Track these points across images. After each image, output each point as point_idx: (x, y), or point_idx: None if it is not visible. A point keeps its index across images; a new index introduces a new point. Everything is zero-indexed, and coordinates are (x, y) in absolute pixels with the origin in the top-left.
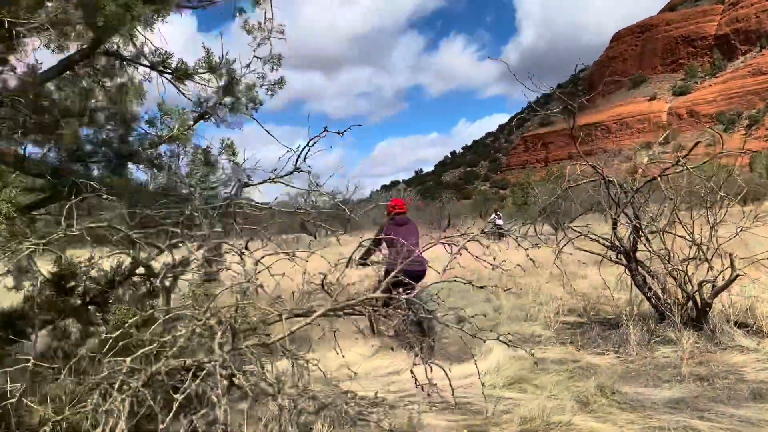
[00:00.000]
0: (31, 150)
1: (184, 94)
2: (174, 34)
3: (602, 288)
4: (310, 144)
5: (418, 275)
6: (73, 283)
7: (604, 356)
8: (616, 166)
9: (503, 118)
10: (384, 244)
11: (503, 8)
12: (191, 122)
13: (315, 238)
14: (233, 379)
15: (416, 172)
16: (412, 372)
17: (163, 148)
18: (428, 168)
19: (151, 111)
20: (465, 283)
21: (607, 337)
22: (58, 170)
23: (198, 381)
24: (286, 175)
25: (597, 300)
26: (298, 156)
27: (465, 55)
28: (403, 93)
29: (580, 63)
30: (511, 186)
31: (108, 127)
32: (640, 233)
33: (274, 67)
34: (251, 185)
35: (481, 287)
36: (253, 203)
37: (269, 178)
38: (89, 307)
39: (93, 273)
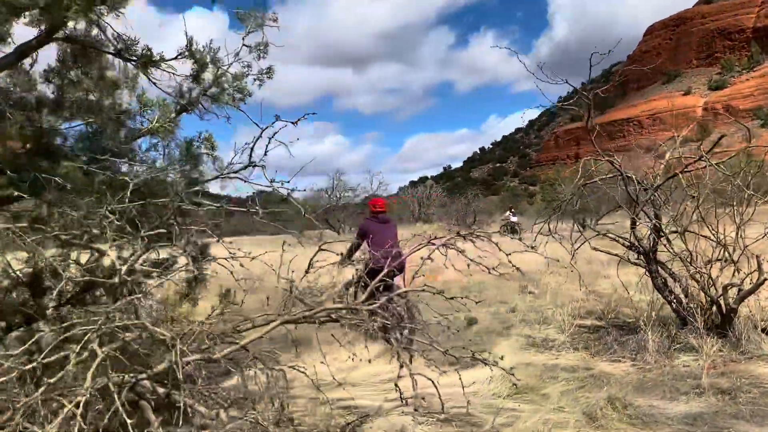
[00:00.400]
0: None
1: (155, 83)
2: (206, 33)
3: (626, 287)
4: (261, 136)
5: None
6: (47, 284)
7: (619, 364)
8: (639, 162)
9: (534, 114)
10: (367, 241)
11: (535, 2)
12: (173, 114)
13: (339, 234)
14: (169, 397)
15: (444, 168)
16: (396, 385)
17: (145, 142)
18: (457, 164)
19: (129, 103)
20: (434, 293)
21: (625, 343)
22: (20, 165)
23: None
24: (240, 170)
25: (617, 302)
26: (252, 149)
27: (495, 50)
28: (432, 89)
29: (597, 52)
30: (540, 182)
31: (88, 119)
32: (661, 233)
33: (261, 55)
34: (201, 182)
35: (451, 298)
36: (201, 203)
37: (221, 174)
38: (64, 308)
39: (72, 272)
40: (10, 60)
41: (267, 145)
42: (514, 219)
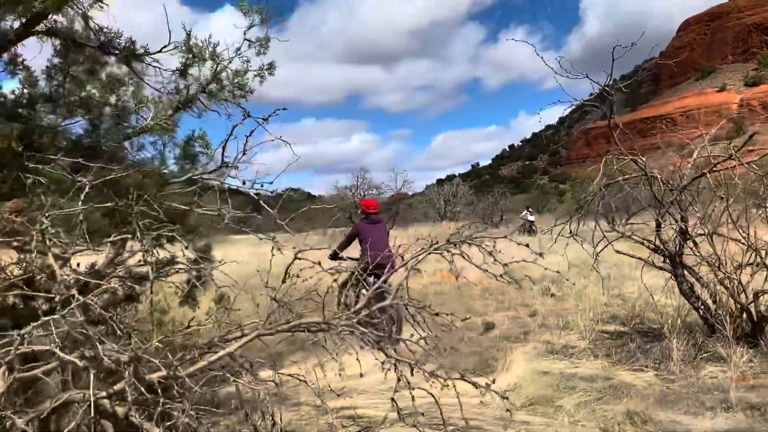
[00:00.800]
0: None
1: (142, 79)
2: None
3: (651, 292)
4: (232, 134)
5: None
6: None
7: (641, 373)
8: (665, 161)
9: (563, 111)
10: (359, 240)
11: None
12: (170, 112)
13: None
14: (128, 418)
15: (473, 165)
16: (392, 399)
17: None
18: (486, 162)
19: (122, 100)
20: (418, 307)
21: (648, 351)
22: (3, 164)
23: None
24: (213, 171)
25: (642, 307)
26: (224, 148)
27: (526, 47)
28: (461, 85)
29: (619, 45)
30: (571, 180)
31: (84, 116)
32: (687, 236)
33: (262, 50)
34: (173, 182)
35: (436, 314)
36: (171, 204)
37: (193, 175)
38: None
39: (67, 274)
40: None
41: (245, 144)
42: (531, 218)
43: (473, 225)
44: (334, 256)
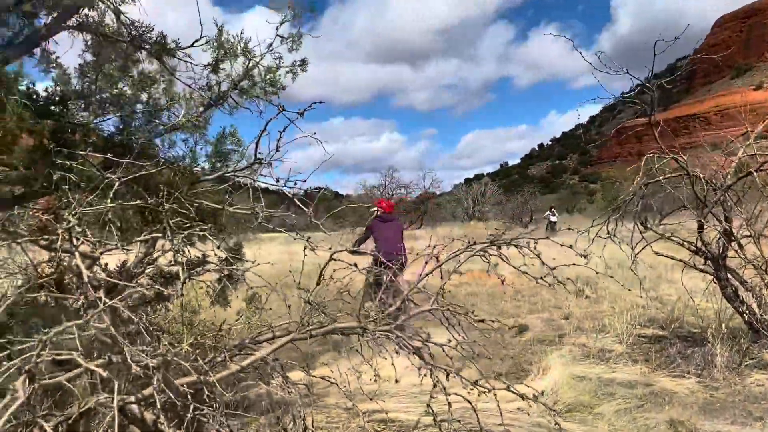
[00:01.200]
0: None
1: (173, 74)
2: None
3: (691, 295)
4: (266, 129)
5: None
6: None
7: (683, 380)
8: (708, 160)
9: (595, 110)
10: (373, 238)
11: None
12: (201, 108)
13: None
14: (156, 425)
15: (501, 165)
16: (428, 405)
17: (177, 137)
18: (515, 161)
19: (155, 96)
20: (460, 314)
21: (689, 356)
22: (34, 161)
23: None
24: (245, 168)
25: (682, 310)
26: (257, 145)
27: (556, 45)
28: (490, 84)
29: (661, 39)
30: (601, 180)
31: (117, 114)
32: (732, 238)
33: (295, 46)
34: (204, 180)
35: (481, 320)
36: (202, 202)
37: (225, 172)
38: (88, 311)
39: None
40: (21, 51)
41: (278, 140)
42: (553, 219)
43: (512, 226)
44: (353, 251)
